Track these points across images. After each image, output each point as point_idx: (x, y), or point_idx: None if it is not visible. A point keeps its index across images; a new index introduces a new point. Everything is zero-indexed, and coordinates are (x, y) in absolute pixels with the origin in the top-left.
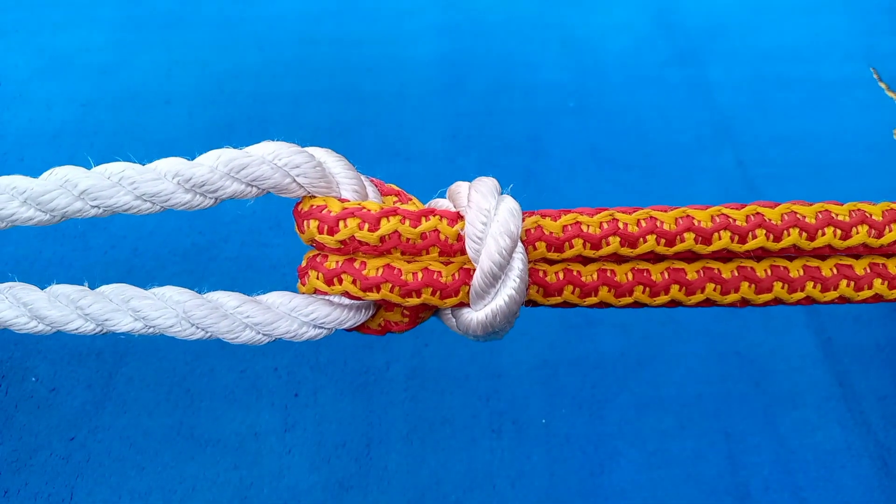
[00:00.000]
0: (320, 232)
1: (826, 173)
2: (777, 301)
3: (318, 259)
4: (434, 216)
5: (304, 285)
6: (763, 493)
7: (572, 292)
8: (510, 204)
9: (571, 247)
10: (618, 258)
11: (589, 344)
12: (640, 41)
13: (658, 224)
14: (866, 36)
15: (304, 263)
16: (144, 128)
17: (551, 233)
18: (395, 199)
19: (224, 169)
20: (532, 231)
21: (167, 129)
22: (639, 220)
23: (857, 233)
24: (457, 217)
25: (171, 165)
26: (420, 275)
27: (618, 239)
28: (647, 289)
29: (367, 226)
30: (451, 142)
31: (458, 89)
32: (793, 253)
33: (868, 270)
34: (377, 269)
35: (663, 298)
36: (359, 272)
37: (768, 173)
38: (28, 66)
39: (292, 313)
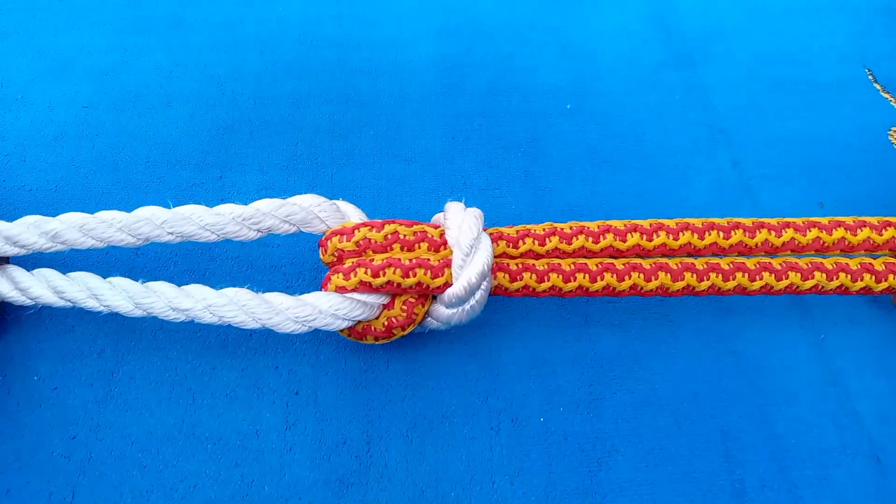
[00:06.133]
0: (340, 241)
1: (821, 174)
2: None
3: (336, 266)
4: (420, 226)
5: (325, 288)
6: (759, 490)
7: (530, 277)
8: (485, 241)
9: (524, 243)
10: (560, 254)
11: (587, 343)
12: (636, 44)
13: (586, 228)
14: (861, 38)
15: (325, 279)
16: (146, 129)
17: (508, 234)
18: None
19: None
20: (493, 234)
21: (169, 131)
22: (571, 226)
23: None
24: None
25: (232, 209)
26: (414, 259)
27: (557, 237)
28: (586, 275)
29: (374, 230)
30: (451, 143)
31: (457, 91)
32: (686, 251)
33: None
34: (382, 259)
35: (600, 284)
36: (369, 263)
37: (764, 174)
38: (30, 69)
39: (326, 308)
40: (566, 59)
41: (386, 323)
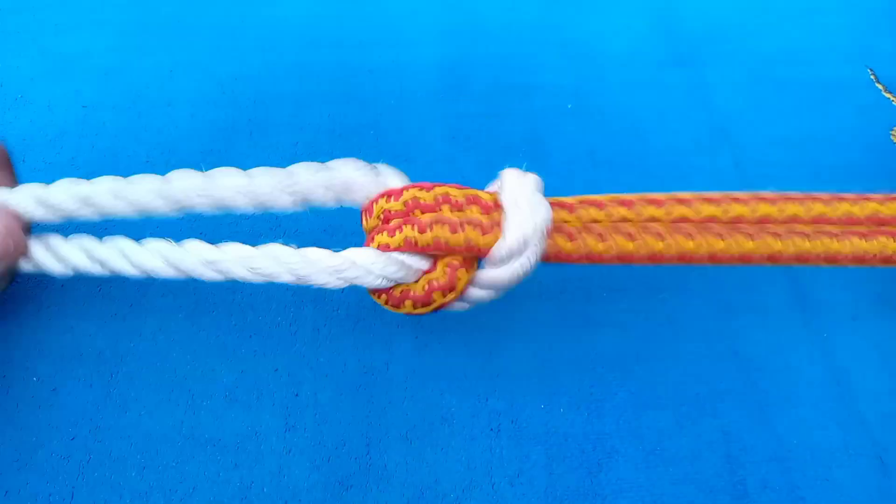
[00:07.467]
0: (387, 202)
1: (824, 175)
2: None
3: (380, 225)
4: (472, 190)
5: (368, 245)
6: (761, 491)
7: (590, 237)
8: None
9: (585, 210)
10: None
11: (587, 343)
12: (638, 43)
13: (656, 199)
14: (864, 37)
15: (368, 239)
16: (146, 129)
17: (568, 203)
18: None
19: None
20: (552, 201)
21: (169, 131)
22: (632, 195)
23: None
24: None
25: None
26: (465, 217)
27: (624, 207)
28: (656, 235)
29: (423, 190)
30: (452, 143)
31: (458, 91)
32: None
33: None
34: (431, 217)
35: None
36: (416, 220)
37: (766, 174)
38: (30, 69)
39: (361, 261)
40: (567, 58)
41: (426, 287)
